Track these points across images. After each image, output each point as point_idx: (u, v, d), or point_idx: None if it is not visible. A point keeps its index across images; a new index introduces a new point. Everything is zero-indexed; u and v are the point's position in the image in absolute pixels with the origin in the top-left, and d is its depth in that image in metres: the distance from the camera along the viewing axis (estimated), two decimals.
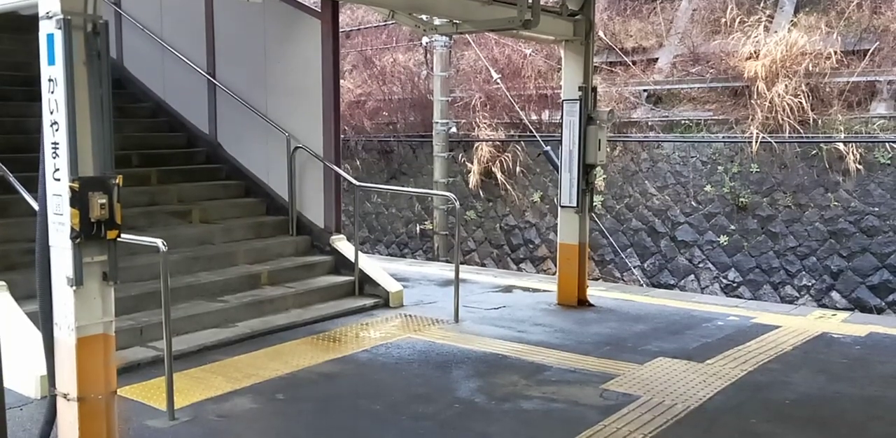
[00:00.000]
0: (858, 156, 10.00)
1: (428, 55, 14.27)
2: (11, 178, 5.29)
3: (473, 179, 13.14)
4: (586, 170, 7.27)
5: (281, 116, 7.84)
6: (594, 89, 7.35)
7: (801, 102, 10.43)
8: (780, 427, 4.42)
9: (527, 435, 4.29)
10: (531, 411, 4.64)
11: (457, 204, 7.23)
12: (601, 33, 12.45)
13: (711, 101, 11.66)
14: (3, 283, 5.11)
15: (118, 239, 3.79)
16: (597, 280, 10.83)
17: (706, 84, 11.74)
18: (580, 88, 7.19)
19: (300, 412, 4.66)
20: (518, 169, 12.82)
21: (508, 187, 12.89)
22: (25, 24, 6.17)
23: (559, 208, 7.55)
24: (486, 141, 13.07)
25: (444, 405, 4.74)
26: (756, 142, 10.63)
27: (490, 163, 12.94)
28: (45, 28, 3.62)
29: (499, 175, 12.86)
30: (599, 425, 4.38)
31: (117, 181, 3.72)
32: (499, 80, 13.15)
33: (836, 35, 10.83)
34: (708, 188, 11.14)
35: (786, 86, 10.54)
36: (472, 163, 13.19)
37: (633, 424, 4.40)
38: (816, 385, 5.15)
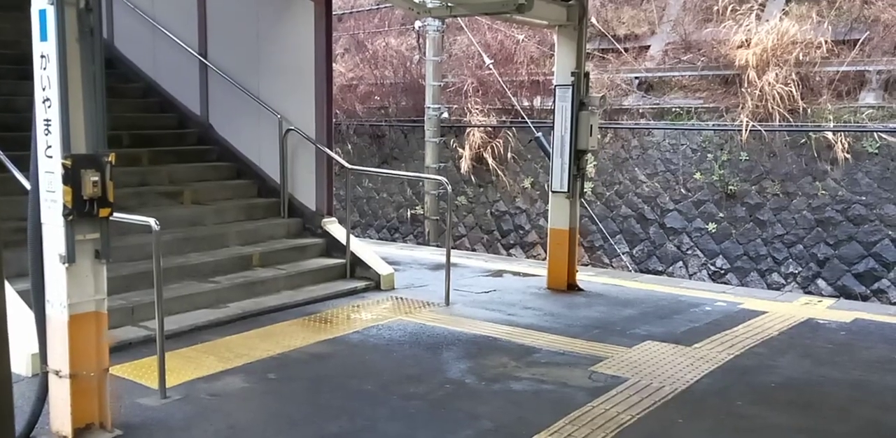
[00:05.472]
0: (847, 146, 10.07)
1: (420, 40, 14.21)
2: (2, 156, 5.26)
3: (465, 165, 13.14)
4: (578, 155, 7.29)
5: (273, 98, 7.81)
6: (587, 75, 7.35)
7: (790, 91, 10.47)
8: (765, 409, 4.49)
9: (516, 415, 4.33)
10: (520, 392, 4.69)
11: (449, 188, 7.25)
12: (594, 20, 12.44)
13: (702, 89, 11.69)
14: None
15: (110, 217, 3.79)
16: (586, 266, 10.88)
17: (697, 72, 11.75)
18: (573, 74, 7.19)
19: (291, 391, 4.69)
20: (509, 155, 12.83)
21: (499, 173, 12.90)
22: (14, 1, 6.10)
23: (550, 193, 7.58)
24: (478, 126, 13.06)
25: (435, 385, 4.78)
26: (746, 130, 10.68)
27: (481, 149, 12.94)
28: (38, 4, 3.61)
29: (490, 161, 12.88)
30: (588, 406, 4.43)
31: (110, 159, 3.71)
32: (491, 66, 13.12)
33: (827, 24, 10.86)
34: (697, 175, 11.19)
35: (776, 74, 10.58)
36: (463, 148, 13.19)
37: (621, 405, 4.45)
38: (802, 370, 5.22)
